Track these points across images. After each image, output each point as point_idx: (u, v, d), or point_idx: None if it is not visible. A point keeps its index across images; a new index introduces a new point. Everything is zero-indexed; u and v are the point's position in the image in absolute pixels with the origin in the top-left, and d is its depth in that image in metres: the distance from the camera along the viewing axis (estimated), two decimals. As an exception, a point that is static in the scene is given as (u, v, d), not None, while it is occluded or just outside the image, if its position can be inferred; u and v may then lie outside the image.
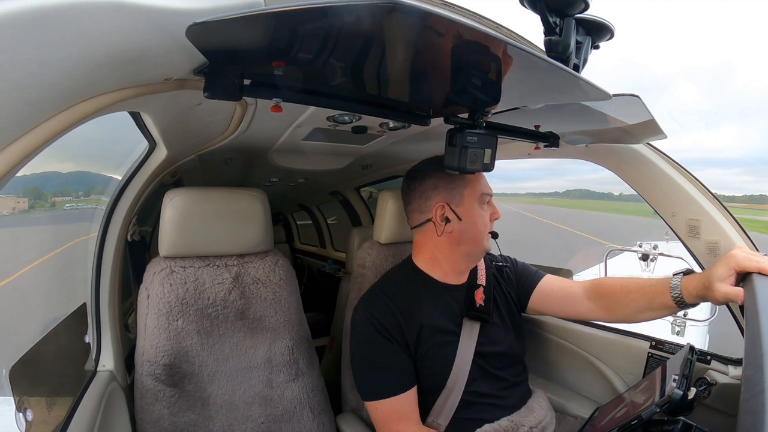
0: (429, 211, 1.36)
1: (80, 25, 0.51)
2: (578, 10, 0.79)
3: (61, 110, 0.65)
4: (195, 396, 1.36)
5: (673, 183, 1.38)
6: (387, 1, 0.48)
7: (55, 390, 1.11)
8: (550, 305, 1.45)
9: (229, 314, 1.44)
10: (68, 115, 0.66)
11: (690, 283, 1.15)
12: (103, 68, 0.61)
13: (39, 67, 0.53)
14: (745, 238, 1.32)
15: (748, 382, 0.68)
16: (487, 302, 1.39)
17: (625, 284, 1.31)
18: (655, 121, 1.14)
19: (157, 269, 1.39)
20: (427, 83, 0.92)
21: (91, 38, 0.54)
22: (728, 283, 1.05)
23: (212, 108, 1.07)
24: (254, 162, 2.02)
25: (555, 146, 1.42)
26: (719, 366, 1.33)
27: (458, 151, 1.07)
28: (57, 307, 1.39)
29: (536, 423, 1.32)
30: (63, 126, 0.66)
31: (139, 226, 1.70)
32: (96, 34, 0.54)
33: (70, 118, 0.67)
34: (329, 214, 4.11)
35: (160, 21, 0.58)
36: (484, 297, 1.39)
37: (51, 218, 2.65)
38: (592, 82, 0.80)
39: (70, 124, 0.68)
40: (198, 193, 1.43)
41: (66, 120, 0.66)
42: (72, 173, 1.94)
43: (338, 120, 1.31)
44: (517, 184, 31.11)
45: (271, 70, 0.75)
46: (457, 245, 1.36)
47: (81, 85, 0.63)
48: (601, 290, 1.36)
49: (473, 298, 1.38)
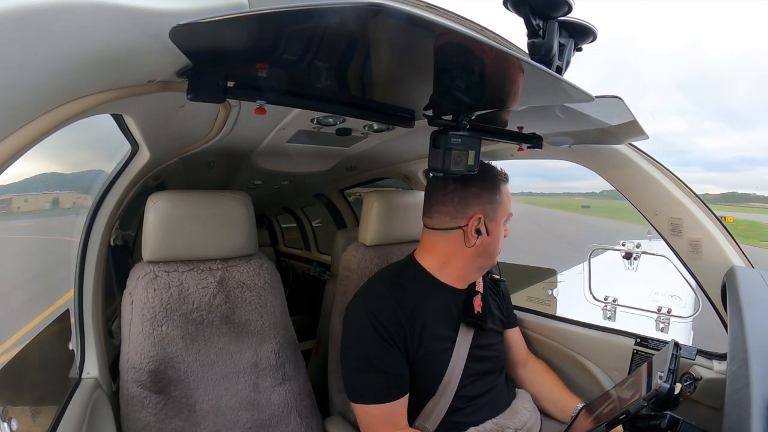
0: (464, 218, 1.32)
1: (63, 26, 0.50)
2: (561, 12, 0.80)
3: (43, 112, 0.64)
4: (181, 402, 1.34)
5: (655, 182, 1.41)
6: (371, 4, 0.48)
7: (39, 399, 1.09)
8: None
9: (214, 319, 1.43)
10: (50, 117, 0.65)
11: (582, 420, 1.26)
12: (86, 69, 0.61)
13: (21, 68, 0.52)
14: (727, 235, 1.35)
15: (733, 376, 0.70)
16: (484, 309, 1.39)
17: (551, 383, 1.56)
18: (636, 122, 1.16)
19: (141, 274, 1.37)
20: (411, 85, 0.92)
21: (74, 39, 0.54)
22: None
23: (196, 110, 1.06)
24: (238, 165, 2.01)
25: (538, 147, 1.43)
26: (704, 361, 1.35)
27: (442, 152, 1.07)
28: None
29: (521, 425, 1.33)
30: (44, 129, 0.65)
31: (121, 231, 1.67)
32: (79, 35, 0.54)
33: (52, 121, 0.66)
34: (314, 217, 4.10)
35: (144, 22, 0.58)
36: (482, 304, 1.39)
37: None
38: (574, 84, 0.81)
39: (52, 127, 0.67)
40: (181, 197, 1.41)
41: (48, 123, 0.65)
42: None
43: (322, 122, 1.31)
44: (557, 183, 30.61)
45: (255, 72, 0.75)
46: (477, 257, 1.35)
47: (63, 86, 0.62)
48: (536, 372, 1.60)
49: (472, 305, 1.38)
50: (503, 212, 1.36)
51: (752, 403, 0.56)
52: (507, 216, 1.38)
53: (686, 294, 2.35)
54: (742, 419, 0.55)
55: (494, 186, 1.34)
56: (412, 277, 1.37)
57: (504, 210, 1.36)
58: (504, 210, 1.36)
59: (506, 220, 1.39)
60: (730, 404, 0.64)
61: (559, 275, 1.93)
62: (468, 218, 1.31)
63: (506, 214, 1.37)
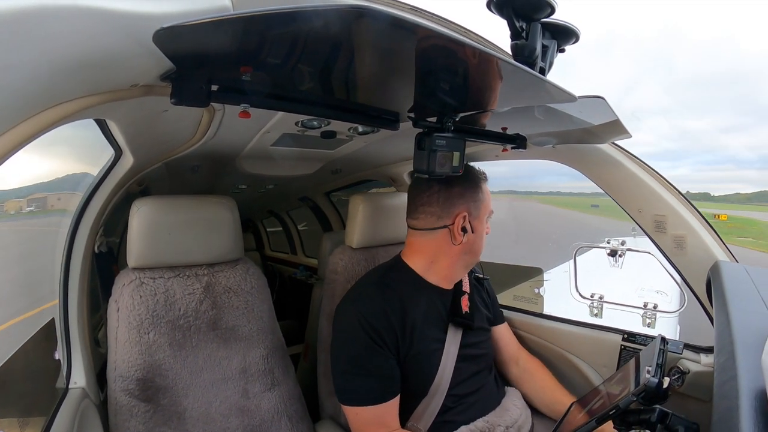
0: (449, 218, 1.34)
1: (46, 29, 0.50)
2: (544, 14, 0.81)
3: (24, 118, 0.63)
4: (170, 410, 1.32)
5: (638, 180, 1.43)
6: (355, 6, 0.48)
7: (26, 410, 1.08)
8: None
9: (201, 325, 1.41)
10: (32, 123, 0.64)
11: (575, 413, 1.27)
12: (69, 73, 0.60)
13: (2, 72, 0.51)
14: (711, 231, 1.38)
15: (721, 368, 0.71)
16: (471, 309, 1.41)
17: (543, 383, 1.55)
18: (619, 121, 1.18)
19: (126, 281, 1.35)
20: (396, 88, 0.92)
21: (56, 43, 0.53)
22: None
23: (179, 114, 1.05)
24: (222, 169, 2.00)
25: (522, 148, 1.45)
26: (691, 355, 1.38)
27: (427, 154, 1.08)
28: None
29: (512, 422, 1.33)
30: (26, 136, 0.64)
31: (105, 237, 1.65)
32: (62, 39, 0.53)
33: (34, 127, 0.65)
34: (300, 220, 4.08)
35: (127, 25, 0.57)
36: (469, 304, 1.41)
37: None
38: (557, 85, 0.82)
39: (34, 134, 0.66)
40: (166, 202, 1.40)
41: (29, 129, 0.64)
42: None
43: (307, 125, 1.30)
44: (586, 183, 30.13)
45: (239, 75, 0.74)
46: (463, 255, 1.38)
47: (46, 91, 0.62)
48: (528, 372, 1.60)
49: (459, 305, 1.39)
50: (485, 210, 1.39)
51: (740, 395, 0.58)
52: (489, 213, 1.41)
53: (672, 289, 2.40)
54: (731, 410, 0.56)
55: (476, 185, 1.37)
56: (400, 279, 1.38)
57: (486, 207, 1.39)
58: (486, 207, 1.39)
59: (488, 217, 1.41)
60: (718, 396, 0.65)
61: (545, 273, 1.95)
62: (453, 217, 1.33)
63: (488, 211, 1.40)
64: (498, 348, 1.60)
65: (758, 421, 0.52)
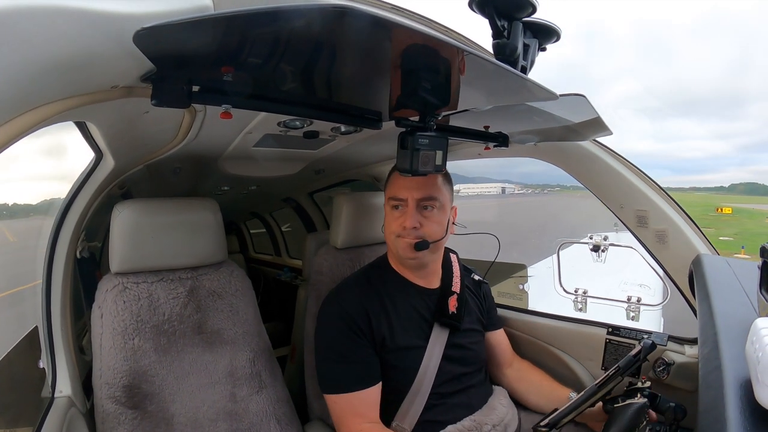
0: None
1: (23, 30, 0.49)
2: (525, 13, 0.82)
3: (2, 122, 0.61)
4: (158, 416, 1.31)
5: (620, 177, 1.45)
6: (336, 6, 0.48)
7: (12, 421, 1.05)
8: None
9: (186, 329, 1.40)
10: (9, 127, 0.63)
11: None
12: (48, 75, 0.59)
13: None
14: (692, 225, 1.41)
15: (705, 359, 0.72)
16: (459, 310, 1.41)
17: (539, 378, 1.57)
18: (600, 119, 1.19)
19: (109, 286, 1.33)
20: (378, 87, 0.92)
21: (34, 44, 0.52)
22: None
23: (160, 116, 1.04)
24: (205, 170, 1.97)
25: (504, 146, 1.46)
26: (676, 347, 1.40)
27: (410, 153, 1.08)
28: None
29: (498, 421, 1.35)
30: (4, 139, 0.63)
31: (87, 242, 1.62)
32: (40, 40, 0.52)
33: (12, 131, 0.64)
34: (283, 222, 4.06)
35: (107, 26, 0.56)
36: (456, 305, 1.42)
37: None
38: (539, 84, 0.83)
39: (11, 138, 0.65)
40: (148, 205, 1.38)
41: (7, 133, 0.63)
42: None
43: (289, 125, 1.29)
44: (688, 176, 28.86)
45: (220, 75, 0.74)
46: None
47: (25, 93, 0.60)
48: (522, 371, 1.61)
49: (446, 305, 1.40)
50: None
51: (725, 384, 0.59)
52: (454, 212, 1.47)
53: (655, 283, 2.43)
54: (716, 400, 0.57)
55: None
56: (381, 276, 1.42)
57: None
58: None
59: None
60: (704, 386, 0.66)
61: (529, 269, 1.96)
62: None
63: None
64: (493, 354, 1.61)
65: (744, 410, 0.53)
